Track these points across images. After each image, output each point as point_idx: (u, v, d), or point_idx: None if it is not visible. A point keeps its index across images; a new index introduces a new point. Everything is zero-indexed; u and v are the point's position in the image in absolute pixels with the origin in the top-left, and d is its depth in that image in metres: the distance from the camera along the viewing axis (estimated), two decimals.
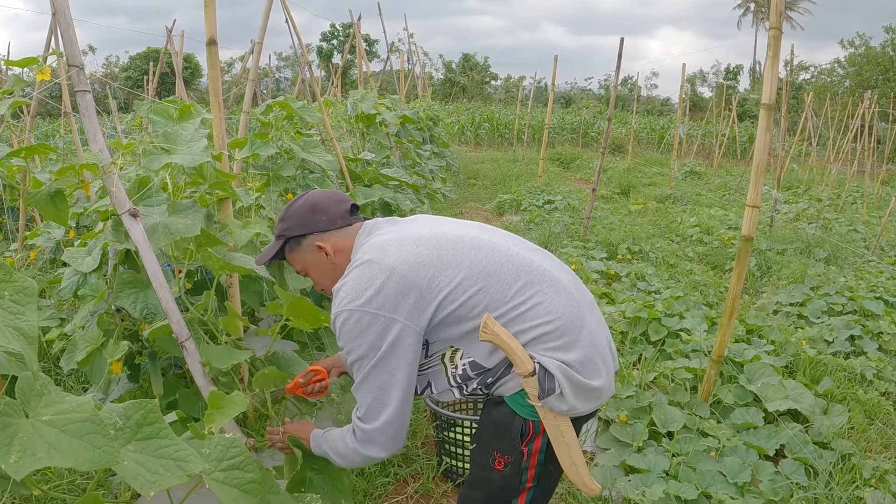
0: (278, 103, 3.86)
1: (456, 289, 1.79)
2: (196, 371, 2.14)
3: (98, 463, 1.28)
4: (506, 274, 1.82)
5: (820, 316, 5.45)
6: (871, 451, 3.49)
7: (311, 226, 1.99)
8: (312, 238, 2.00)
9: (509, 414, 1.82)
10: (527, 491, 1.90)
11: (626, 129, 24.25)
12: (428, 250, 1.83)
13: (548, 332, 1.79)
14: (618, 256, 7.24)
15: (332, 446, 2.00)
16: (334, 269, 1.98)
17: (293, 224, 2.01)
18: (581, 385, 1.77)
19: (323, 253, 1.99)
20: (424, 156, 8.83)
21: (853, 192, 14.71)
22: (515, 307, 1.79)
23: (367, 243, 1.92)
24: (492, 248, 1.87)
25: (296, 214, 2.02)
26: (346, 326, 1.80)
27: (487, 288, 1.80)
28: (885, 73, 30.66)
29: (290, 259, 2.08)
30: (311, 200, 2.02)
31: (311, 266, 2.04)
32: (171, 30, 9.51)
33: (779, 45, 3.30)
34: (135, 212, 2.18)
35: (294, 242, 2.03)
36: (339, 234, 2.00)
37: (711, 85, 54.65)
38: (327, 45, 50.36)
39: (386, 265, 1.79)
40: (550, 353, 1.78)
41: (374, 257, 1.83)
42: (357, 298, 1.78)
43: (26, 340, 1.37)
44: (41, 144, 2.19)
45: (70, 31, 2.20)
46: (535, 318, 1.79)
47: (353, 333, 1.80)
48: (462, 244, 1.86)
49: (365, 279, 1.80)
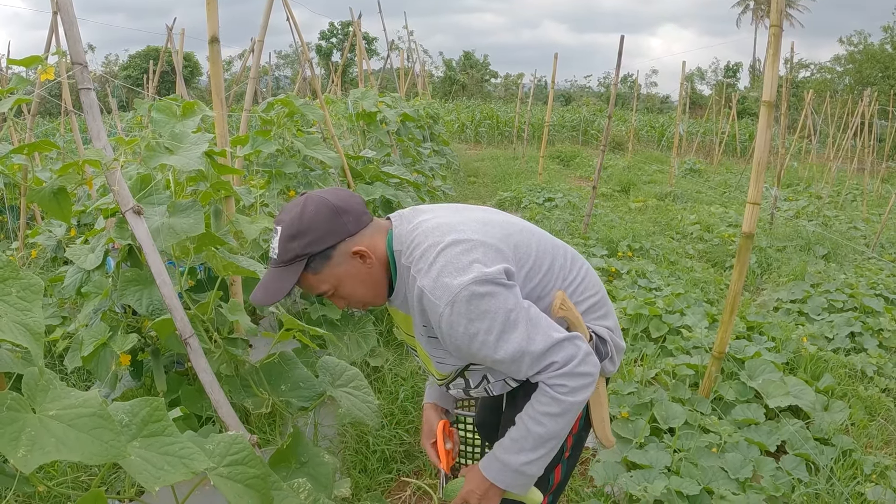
0: (280, 100, 3.86)
1: (533, 266, 1.79)
2: (200, 368, 2.15)
3: (105, 457, 1.28)
4: (557, 255, 1.88)
5: (820, 313, 5.45)
6: (872, 447, 3.50)
7: (341, 231, 1.69)
8: (345, 245, 1.70)
9: None
10: (563, 462, 1.99)
11: (626, 126, 24.24)
12: (494, 229, 1.77)
13: (594, 304, 1.91)
14: (618, 254, 7.25)
15: (530, 428, 1.73)
16: (372, 275, 1.75)
17: (317, 236, 1.67)
18: (619, 347, 1.95)
19: (358, 258, 1.71)
20: (425, 153, 8.83)
21: (853, 189, 14.72)
22: (571, 282, 1.87)
23: (421, 229, 1.73)
24: (533, 231, 1.90)
25: (315, 225, 1.67)
26: (472, 303, 1.60)
27: (553, 267, 1.84)
28: (885, 71, 30.67)
29: (313, 283, 1.74)
30: (329, 204, 1.69)
31: (345, 279, 1.73)
32: (171, 28, 9.51)
33: (779, 43, 3.30)
34: (138, 209, 2.18)
35: (321, 258, 1.69)
36: (370, 232, 1.75)
37: (710, 83, 54.67)
38: (326, 43, 50.35)
39: (473, 239, 1.68)
40: (598, 322, 1.91)
41: (456, 237, 1.67)
42: (468, 272, 1.61)
43: (32, 337, 1.37)
44: (44, 141, 2.20)
45: (73, 29, 2.20)
46: (585, 291, 1.90)
47: (483, 306, 1.61)
48: (515, 226, 1.85)
49: (463, 256, 1.64)
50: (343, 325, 3.76)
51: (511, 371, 1.74)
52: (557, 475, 2.00)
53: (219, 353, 2.44)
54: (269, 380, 2.47)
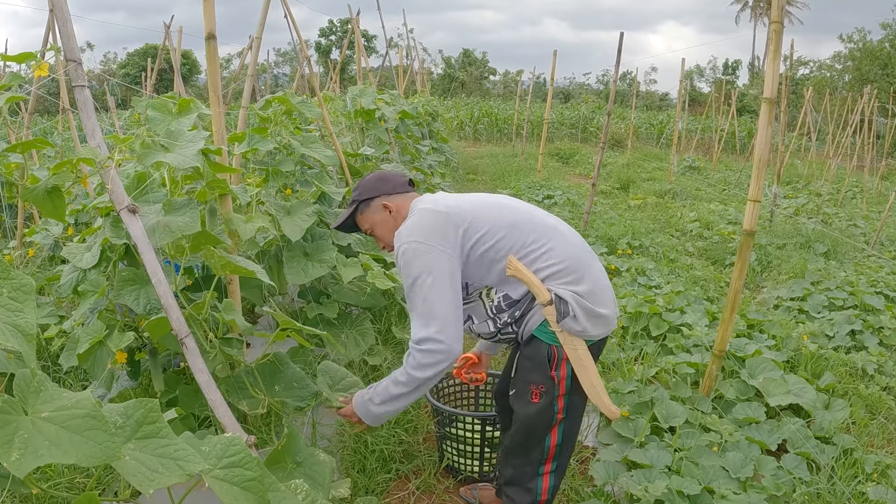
0: (277, 98, 3.83)
1: (487, 233, 2.27)
2: (196, 368, 2.12)
3: (99, 458, 1.26)
4: (524, 227, 2.30)
5: (821, 311, 5.44)
6: (873, 445, 3.48)
7: (379, 189, 2.48)
8: (379, 200, 2.47)
9: (538, 344, 2.27)
10: (558, 424, 2.32)
11: (625, 123, 24.22)
12: (469, 204, 2.35)
13: (559, 271, 2.25)
14: (618, 251, 7.23)
15: (386, 386, 2.31)
16: (396, 225, 2.40)
17: (364, 190, 2.49)
18: (590, 311, 2.22)
19: (387, 211, 2.45)
20: (423, 151, 8.80)
21: (853, 186, 14.71)
22: (531, 252, 2.26)
23: (421, 199, 2.42)
24: (515, 209, 2.39)
25: (366, 183, 2.51)
26: (406, 256, 2.22)
27: (510, 236, 2.27)
28: (884, 68, 30.63)
29: (360, 220, 2.53)
30: (379, 174, 2.55)
31: (378, 224, 2.49)
32: (169, 26, 9.46)
33: (780, 40, 3.28)
34: (133, 208, 2.16)
35: (364, 205, 2.49)
36: (400, 198, 2.47)
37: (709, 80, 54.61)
38: (326, 40, 50.29)
39: (439, 210, 2.29)
40: (564, 286, 2.23)
41: (430, 206, 2.32)
42: (414, 234, 2.24)
43: (24, 338, 1.35)
44: (38, 139, 2.17)
45: (67, 27, 2.18)
46: (548, 259, 2.26)
47: (410, 260, 2.21)
48: (494, 204, 2.39)
49: (422, 220, 2.28)
50: (341, 323, 3.74)
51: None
52: (554, 437, 2.33)
53: (214, 353, 2.42)
54: (263, 380, 2.45)
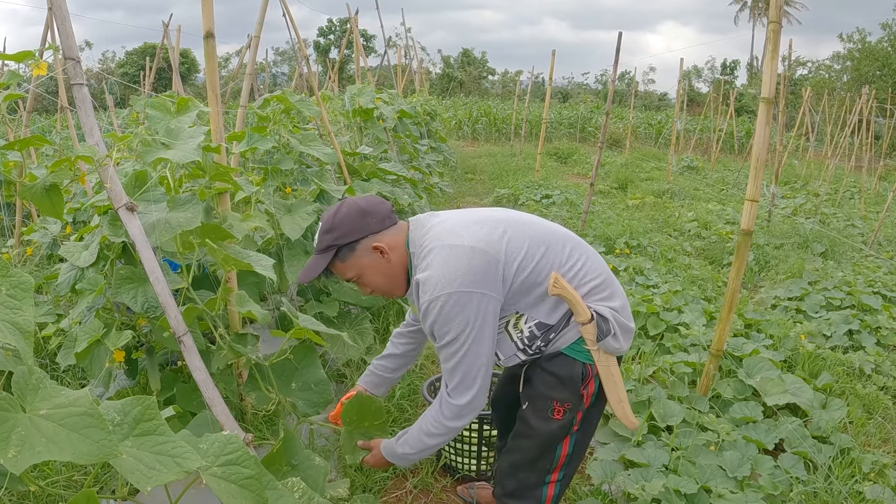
0: (276, 97, 3.83)
1: (526, 256, 2.00)
2: (194, 367, 2.13)
3: (97, 456, 1.26)
4: (556, 242, 2.07)
5: (818, 310, 5.45)
6: (870, 445, 3.49)
7: (364, 229, 2.05)
8: (367, 241, 2.05)
9: (569, 362, 2.05)
10: (571, 435, 2.14)
11: (623, 123, 24.23)
12: (493, 228, 2.03)
13: (597, 286, 2.07)
14: (616, 251, 7.24)
15: (419, 437, 2.13)
16: (391, 268, 2.08)
17: (344, 232, 2.04)
18: (625, 326, 2.08)
19: (379, 253, 2.06)
20: (422, 150, 8.81)
21: (851, 187, 14.72)
22: (571, 268, 2.05)
23: (431, 233, 2.03)
24: (535, 222, 2.14)
25: (345, 222, 2.05)
26: (445, 309, 1.92)
27: (548, 254, 2.03)
28: (883, 69, 30.66)
29: (341, 269, 2.10)
30: (357, 206, 2.07)
31: (367, 269, 2.09)
32: (167, 24, 9.45)
33: (778, 39, 3.28)
34: (131, 206, 2.16)
35: (347, 250, 2.06)
36: (391, 233, 2.09)
37: (707, 80, 54.63)
38: (324, 40, 50.26)
39: (467, 245, 1.95)
40: (602, 302, 2.06)
41: (454, 242, 1.97)
42: (452, 281, 1.91)
43: (22, 335, 1.35)
44: (36, 136, 2.17)
45: (66, 25, 2.18)
46: (586, 275, 2.06)
47: (453, 314, 1.92)
48: (514, 221, 2.10)
49: (453, 261, 1.93)
50: (340, 322, 3.74)
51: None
52: (565, 448, 2.15)
53: (225, 349, 2.42)
54: (278, 375, 2.44)
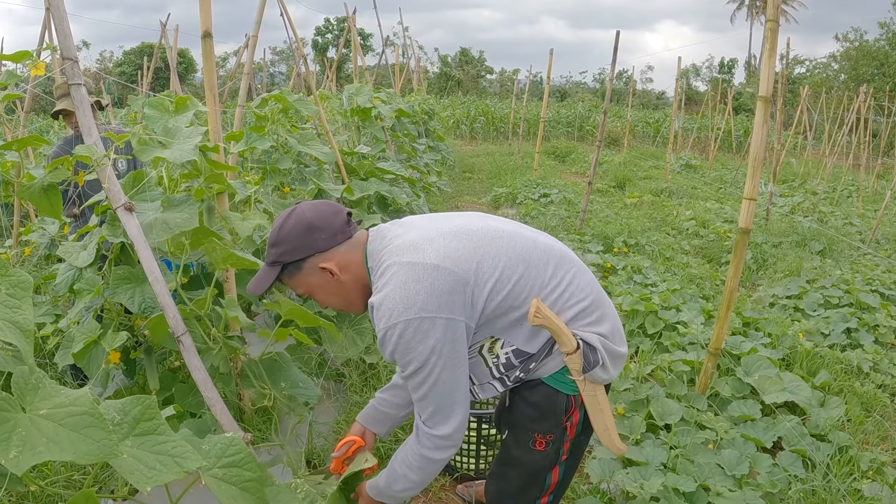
0: (274, 96, 3.84)
1: (500, 278, 1.77)
2: (193, 366, 2.13)
3: (97, 456, 1.27)
4: (537, 259, 1.83)
5: (816, 309, 5.45)
6: (869, 443, 3.49)
7: (311, 247, 1.80)
8: (314, 260, 1.81)
9: (551, 393, 1.86)
10: (560, 464, 1.99)
11: (621, 122, 24.22)
12: (462, 243, 1.77)
13: (584, 309, 1.85)
14: (614, 249, 7.24)
15: (403, 473, 1.91)
16: (342, 287, 1.86)
17: (289, 248, 1.80)
18: (615, 353, 1.88)
19: (328, 273, 1.83)
20: (420, 149, 8.81)
21: (849, 185, 14.74)
22: (554, 289, 1.82)
23: (391, 246, 1.80)
24: (514, 235, 1.87)
25: (290, 237, 1.80)
26: (403, 338, 1.69)
27: (527, 274, 1.80)
28: (880, 68, 30.67)
29: (290, 284, 1.89)
30: (305, 219, 1.80)
31: (316, 288, 1.87)
32: (165, 24, 9.44)
33: (776, 38, 3.29)
34: (130, 206, 2.16)
35: (293, 267, 1.83)
36: (343, 250, 1.83)
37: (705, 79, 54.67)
38: (322, 39, 50.27)
39: (430, 263, 1.70)
40: (590, 328, 1.85)
41: (414, 259, 1.72)
42: (411, 305, 1.67)
43: (22, 334, 1.35)
44: (33, 136, 2.17)
45: (64, 24, 2.18)
46: (572, 296, 1.84)
47: (413, 343, 1.69)
48: (490, 234, 1.84)
49: (412, 283, 1.69)
50: (339, 321, 3.74)
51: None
52: (554, 476, 2.01)
53: (218, 348, 2.42)
54: (269, 375, 2.45)
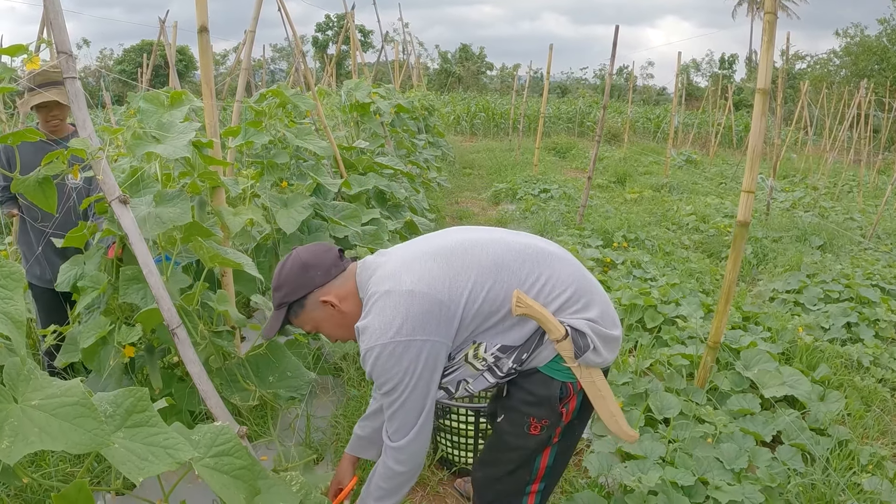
0: (271, 91, 3.83)
1: (473, 289, 1.87)
2: (188, 359, 2.12)
3: (89, 446, 1.26)
4: (511, 261, 1.92)
5: (816, 303, 5.44)
6: (868, 437, 3.49)
7: (309, 284, 1.98)
8: (315, 295, 1.98)
9: (547, 381, 1.93)
10: (551, 447, 2.05)
11: (621, 118, 24.21)
12: (436, 262, 1.90)
13: (568, 299, 1.92)
14: (614, 244, 7.23)
15: (376, 482, 2.04)
16: (345, 318, 2.00)
17: (291, 289, 1.98)
18: (606, 337, 1.94)
19: (329, 306, 1.99)
20: (419, 145, 8.81)
21: (849, 180, 14.72)
22: (532, 285, 1.90)
23: (374, 276, 1.93)
24: (489, 242, 1.97)
25: (290, 279, 1.99)
26: (380, 360, 1.83)
27: (501, 279, 1.88)
28: (881, 63, 30.62)
29: (297, 323, 2.06)
30: (300, 260, 2.00)
31: (322, 321, 2.03)
32: (163, 21, 9.42)
33: (774, 31, 3.28)
34: (124, 199, 2.16)
35: (297, 306, 2.01)
36: (339, 282, 2.00)
37: (706, 75, 54.61)
38: (322, 36, 50.20)
39: (405, 290, 1.83)
40: (576, 315, 1.92)
41: (391, 287, 1.85)
42: (387, 330, 1.81)
43: (14, 325, 1.35)
44: (29, 129, 2.17)
45: (59, 18, 2.17)
46: (553, 290, 1.91)
47: (388, 365, 1.83)
48: (463, 247, 1.95)
49: (389, 309, 1.82)
50: None
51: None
52: (544, 460, 2.06)
53: (204, 344, 2.41)
54: (256, 371, 2.44)
